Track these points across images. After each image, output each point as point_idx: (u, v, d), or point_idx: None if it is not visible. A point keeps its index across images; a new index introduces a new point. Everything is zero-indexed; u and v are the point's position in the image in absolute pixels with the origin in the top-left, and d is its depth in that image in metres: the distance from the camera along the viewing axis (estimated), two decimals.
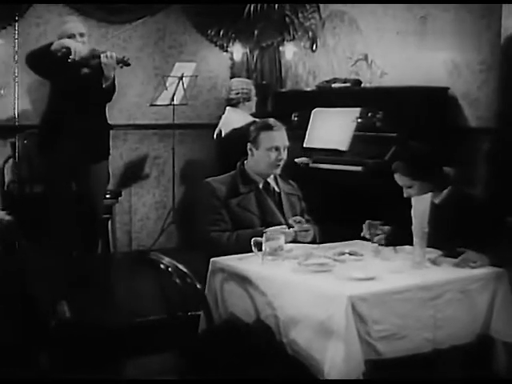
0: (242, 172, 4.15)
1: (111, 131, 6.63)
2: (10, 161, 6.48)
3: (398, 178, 3.87)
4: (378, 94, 6.16)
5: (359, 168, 5.79)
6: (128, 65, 5.40)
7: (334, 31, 6.99)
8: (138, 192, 7.15)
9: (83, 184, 5.51)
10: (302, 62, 7.32)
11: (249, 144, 4.13)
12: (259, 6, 6.96)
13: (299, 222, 4.04)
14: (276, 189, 4.18)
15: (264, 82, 7.32)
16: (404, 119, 5.80)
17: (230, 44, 7.36)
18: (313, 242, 4.09)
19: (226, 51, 7.42)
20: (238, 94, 5.83)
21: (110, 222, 6.70)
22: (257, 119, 5.85)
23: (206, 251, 3.88)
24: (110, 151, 5.80)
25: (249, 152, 4.14)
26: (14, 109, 6.53)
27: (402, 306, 3.18)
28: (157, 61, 7.07)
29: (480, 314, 3.44)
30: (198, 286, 3.00)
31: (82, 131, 5.44)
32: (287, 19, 7.17)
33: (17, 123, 6.52)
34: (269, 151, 4.05)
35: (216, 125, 6.08)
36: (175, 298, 3.09)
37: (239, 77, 7.33)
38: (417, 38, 6.11)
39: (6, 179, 6.44)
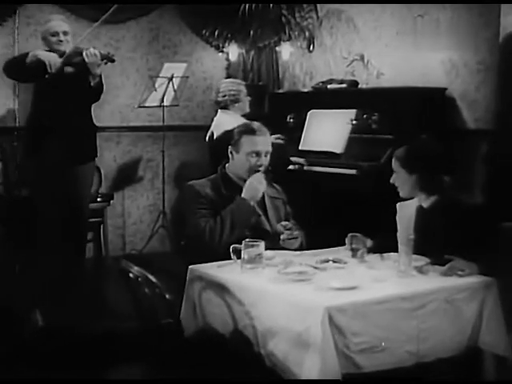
0: (223, 175, 4.02)
1: (104, 133, 6.56)
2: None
3: (393, 162, 3.77)
4: (374, 95, 6.02)
5: (354, 171, 5.66)
6: (112, 61, 5.29)
7: (331, 31, 6.85)
8: (131, 195, 7.04)
9: (68, 186, 5.37)
10: (299, 63, 7.19)
11: (230, 147, 4.00)
12: (254, 5, 6.81)
13: (289, 229, 3.90)
14: None
15: (260, 83, 7.18)
16: (400, 121, 5.67)
17: (226, 44, 7.22)
18: (299, 248, 3.96)
19: (222, 52, 7.28)
20: (225, 96, 5.69)
21: (102, 226, 6.55)
22: (247, 121, 5.74)
23: (199, 247, 3.76)
24: (98, 153, 5.67)
25: (229, 155, 4.01)
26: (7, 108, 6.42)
27: (383, 317, 3.03)
28: (150, 61, 6.95)
29: (467, 324, 3.28)
30: (167, 296, 2.86)
31: (66, 132, 5.33)
32: (283, 19, 7.04)
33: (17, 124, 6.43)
34: (248, 156, 3.92)
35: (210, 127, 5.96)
36: (145, 308, 2.96)
37: (235, 78, 7.21)
38: (414, 38, 5.97)
39: None
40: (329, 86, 6.42)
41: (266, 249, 3.64)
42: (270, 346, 3.11)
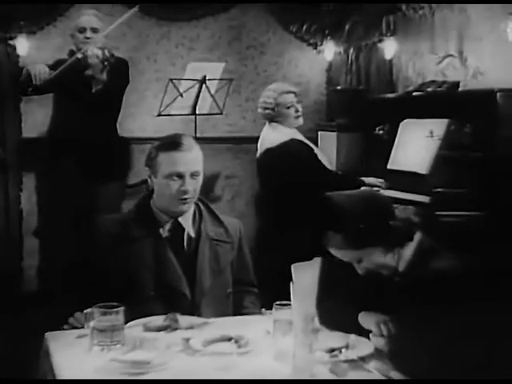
0: (140, 208, 3.00)
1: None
2: None
3: None
4: (467, 100, 4.67)
5: (427, 199, 4.42)
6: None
7: (444, 23, 5.51)
8: None
9: (82, 209, 4.60)
10: (412, 62, 5.90)
11: (147, 170, 2.99)
12: None
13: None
14: (191, 233, 2.98)
15: (360, 88, 6.00)
16: (499, 133, 4.35)
17: (324, 42, 6.11)
18: None
19: (320, 51, 6.18)
20: (260, 108, 4.68)
21: None
22: (298, 137, 4.67)
23: None
24: (128, 171, 4.88)
25: (148, 181, 3.00)
26: None
27: None
28: (231, 64, 5.97)
29: None
30: None
31: (81, 147, 4.61)
32: (389, 11, 5.80)
33: None
34: (168, 179, 2.88)
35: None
36: None
37: (337, 83, 6.14)
38: None
39: None
40: (428, 90, 5.13)
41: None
42: None
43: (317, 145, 5.77)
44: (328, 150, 5.72)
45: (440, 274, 2.30)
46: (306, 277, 2.16)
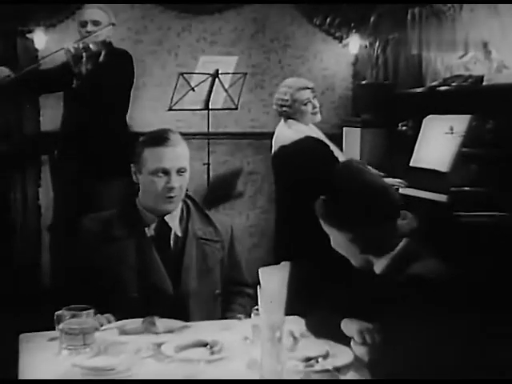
0: (126, 206, 2.90)
1: (194, 141, 5.68)
2: None
3: None
4: (491, 95, 4.49)
5: (444, 197, 4.27)
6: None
7: (471, 14, 5.32)
8: (228, 213, 6.00)
9: (78, 207, 4.49)
10: (440, 56, 5.71)
11: (132, 166, 2.88)
12: None
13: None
14: (178, 232, 2.86)
15: (386, 82, 5.83)
16: None
17: (350, 35, 5.95)
18: None
19: (345, 45, 6.02)
20: (275, 106, 4.54)
21: None
22: (314, 134, 4.53)
23: None
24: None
25: (133, 178, 2.89)
26: None
27: None
28: (254, 58, 5.86)
29: None
30: None
31: (82, 141, 4.54)
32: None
33: None
34: (153, 176, 2.77)
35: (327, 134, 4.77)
36: None
37: (363, 77, 5.98)
38: None
39: None
40: (453, 84, 4.96)
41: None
42: None
43: (341, 141, 5.66)
44: (352, 146, 5.60)
45: (421, 280, 2.15)
46: (273, 282, 2.03)
